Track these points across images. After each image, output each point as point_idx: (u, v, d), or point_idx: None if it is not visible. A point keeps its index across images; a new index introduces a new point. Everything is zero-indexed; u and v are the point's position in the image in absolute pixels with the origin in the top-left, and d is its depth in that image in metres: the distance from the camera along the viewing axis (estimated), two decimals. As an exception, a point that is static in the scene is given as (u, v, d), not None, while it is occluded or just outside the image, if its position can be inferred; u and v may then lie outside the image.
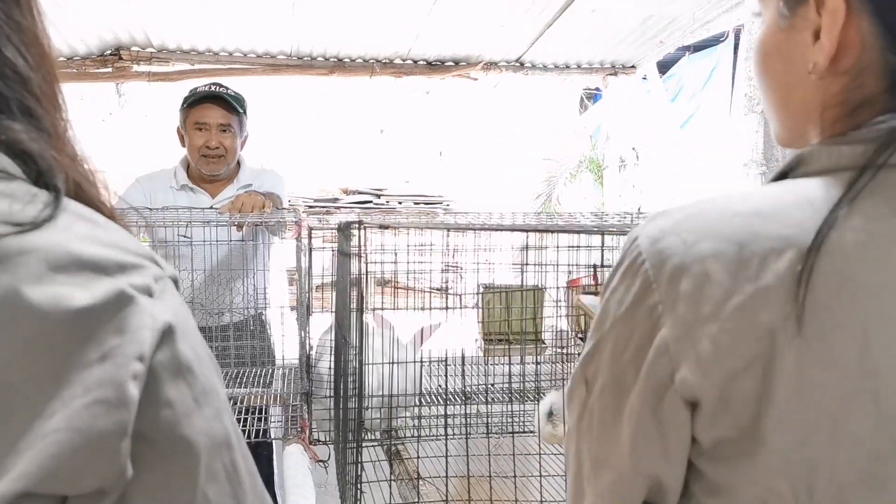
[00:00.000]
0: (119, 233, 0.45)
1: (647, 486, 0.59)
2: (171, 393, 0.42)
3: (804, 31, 0.58)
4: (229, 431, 0.46)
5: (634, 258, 0.57)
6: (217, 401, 0.46)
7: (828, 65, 0.56)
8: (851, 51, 0.56)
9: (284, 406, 2.06)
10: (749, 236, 0.53)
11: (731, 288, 0.52)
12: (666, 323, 0.54)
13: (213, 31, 3.54)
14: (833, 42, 0.56)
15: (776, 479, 0.52)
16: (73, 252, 0.40)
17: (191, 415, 0.43)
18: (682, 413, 0.55)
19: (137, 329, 0.40)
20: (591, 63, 4.17)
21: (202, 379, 0.44)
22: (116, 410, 0.38)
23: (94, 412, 0.38)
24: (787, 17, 0.60)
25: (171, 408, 0.42)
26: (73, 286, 0.39)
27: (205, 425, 0.44)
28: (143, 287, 0.42)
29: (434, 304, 1.85)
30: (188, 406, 0.43)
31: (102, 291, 0.40)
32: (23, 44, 0.45)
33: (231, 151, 2.45)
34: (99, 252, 0.41)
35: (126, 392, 0.39)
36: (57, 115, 0.48)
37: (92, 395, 0.38)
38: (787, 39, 0.60)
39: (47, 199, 0.42)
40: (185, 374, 0.43)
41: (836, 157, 0.56)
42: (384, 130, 6.51)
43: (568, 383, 0.65)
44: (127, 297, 0.41)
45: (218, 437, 0.45)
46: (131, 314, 0.40)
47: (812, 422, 0.51)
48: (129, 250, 0.43)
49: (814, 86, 0.59)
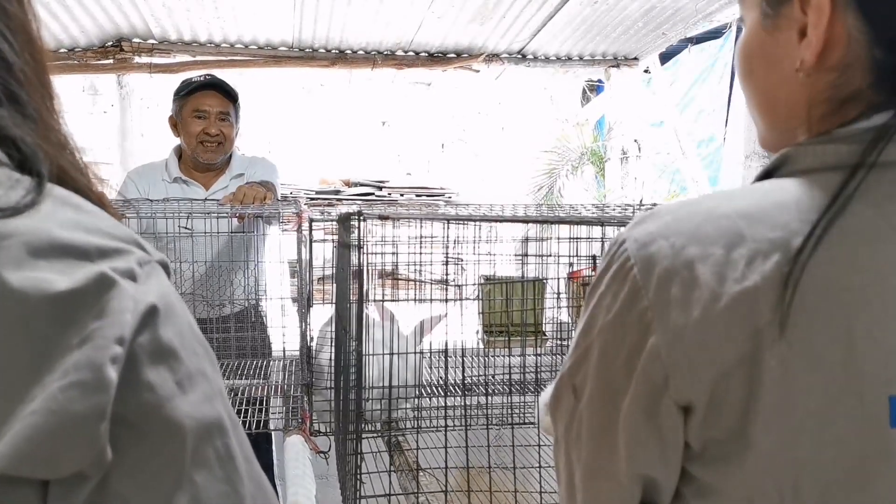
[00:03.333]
0: (104, 219, 0.44)
1: (642, 490, 0.59)
2: (152, 376, 0.41)
3: (789, 30, 0.58)
4: (221, 416, 0.45)
5: (623, 263, 0.57)
6: (207, 385, 0.45)
7: (815, 61, 0.57)
8: (837, 46, 0.56)
9: (285, 397, 2.06)
10: (735, 238, 0.53)
11: (717, 290, 0.52)
12: (657, 329, 0.54)
13: (215, 23, 3.54)
14: (820, 38, 0.56)
15: (763, 479, 0.52)
16: (54, 237, 0.40)
17: (173, 398, 0.42)
18: (676, 417, 0.55)
19: (118, 312, 0.40)
20: (593, 55, 4.16)
21: (188, 363, 0.44)
22: (94, 393, 0.38)
23: (70, 395, 0.37)
24: (770, 17, 0.60)
25: (151, 391, 0.41)
26: (54, 271, 0.39)
27: (190, 409, 0.43)
28: (125, 271, 0.42)
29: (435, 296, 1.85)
30: (170, 389, 0.42)
31: (83, 276, 0.39)
32: (8, 29, 0.45)
33: (229, 140, 2.45)
34: (81, 238, 0.41)
35: (104, 375, 0.38)
36: (44, 103, 0.48)
37: (69, 378, 0.38)
38: (770, 40, 0.61)
39: (30, 185, 0.42)
40: (167, 357, 0.42)
41: (821, 156, 0.56)
42: (386, 122, 6.51)
43: (552, 391, 0.64)
44: (109, 281, 0.40)
45: (207, 422, 0.44)
46: (112, 297, 0.40)
47: (798, 422, 0.51)
48: (113, 235, 0.43)
49: (800, 84, 0.59)
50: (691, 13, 3.46)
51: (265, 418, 1.96)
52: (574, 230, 1.78)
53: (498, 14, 3.46)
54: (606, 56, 4.18)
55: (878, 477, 0.51)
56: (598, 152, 5.42)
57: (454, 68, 4.09)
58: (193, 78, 2.48)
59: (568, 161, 5.71)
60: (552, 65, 4.17)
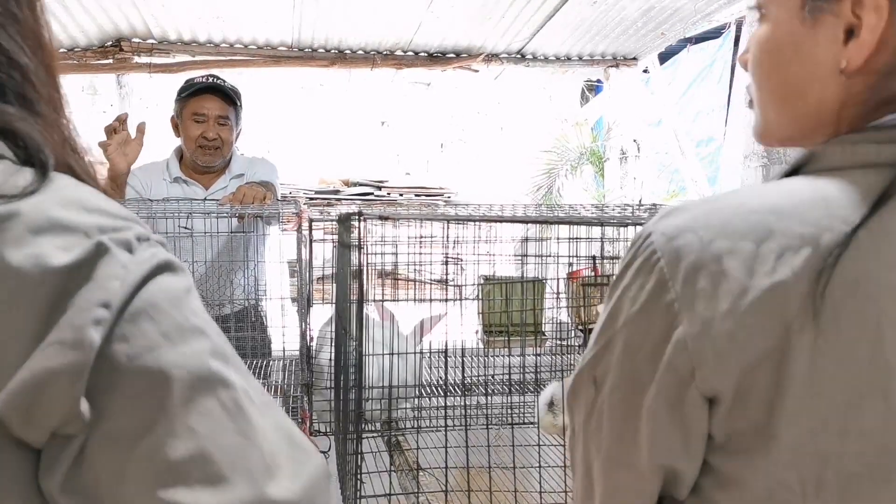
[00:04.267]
0: (105, 200, 0.46)
1: (663, 480, 0.59)
2: (128, 328, 0.42)
3: (833, 28, 0.58)
4: (220, 371, 0.45)
5: (648, 256, 0.57)
6: (204, 342, 0.45)
7: (863, 64, 0.56)
8: (885, 50, 0.56)
9: (285, 397, 2.06)
10: (765, 233, 0.53)
11: (747, 284, 0.52)
12: (683, 320, 0.54)
13: (214, 23, 3.54)
14: (875, 41, 0.55)
15: (786, 471, 0.53)
16: (53, 216, 0.42)
17: (155, 349, 0.42)
18: (701, 408, 0.55)
19: (105, 278, 0.41)
20: (592, 55, 4.16)
21: (177, 317, 0.44)
22: (70, 351, 0.40)
23: (48, 353, 0.39)
24: (812, 14, 0.59)
25: (125, 342, 0.42)
26: (54, 247, 0.41)
27: (179, 359, 0.43)
28: (122, 241, 0.43)
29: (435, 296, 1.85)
30: (152, 339, 0.43)
31: (82, 250, 0.41)
32: (19, 34, 0.47)
33: (227, 144, 2.45)
34: (81, 216, 0.43)
35: (84, 335, 0.40)
36: (52, 104, 0.49)
37: (51, 337, 0.40)
38: (808, 34, 0.59)
39: (34, 174, 0.44)
40: (148, 310, 0.43)
41: (851, 155, 0.56)
42: (385, 122, 6.51)
43: (570, 384, 0.64)
44: (103, 248, 0.42)
45: (202, 374, 0.44)
46: (103, 263, 0.42)
47: (823, 415, 0.52)
48: (114, 214, 0.45)
49: (836, 84, 0.58)
50: (690, 13, 3.46)
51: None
52: (573, 230, 1.78)
53: (497, 14, 3.46)
54: (605, 56, 4.18)
55: None
56: (598, 152, 5.42)
57: (453, 68, 4.09)
58: (196, 79, 2.47)
59: (567, 161, 5.72)
60: (551, 65, 4.17)
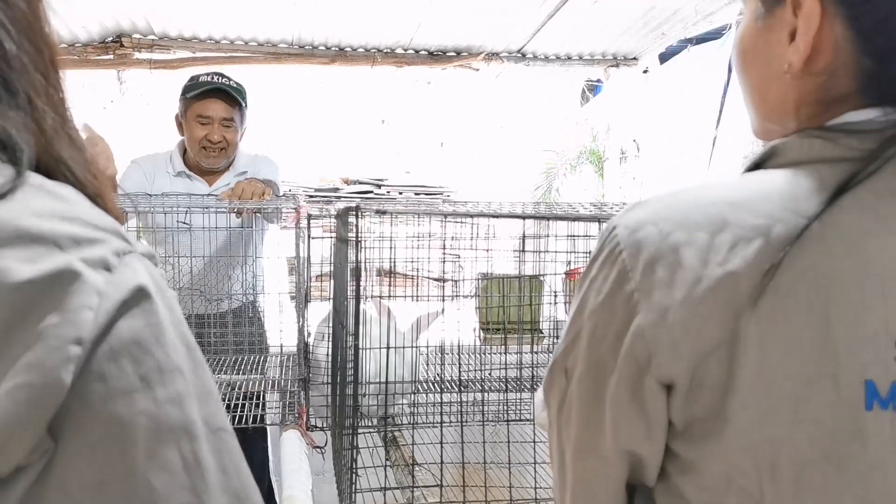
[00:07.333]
0: (86, 208, 0.42)
1: (629, 467, 0.61)
2: (107, 367, 0.39)
3: (780, 31, 0.60)
4: (192, 420, 0.42)
5: (613, 248, 0.59)
6: (180, 385, 0.42)
7: (802, 65, 0.59)
8: (825, 53, 0.58)
9: (282, 392, 2.07)
10: (721, 224, 0.55)
11: (700, 273, 0.54)
12: (642, 310, 0.56)
13: (215, 19, 3.54)
14: (808, 44, 0.58)
15: (741, 457, 0.54)
16: (22, 226, 0.38)
17: (132, 393, 0.39)
18: (659, 395, 0.57)
19: (77, 310, 0.38)
20: (592, 54, 4.16)
21: (160, 358, 0.41)
22: (40, 396, 0.36)
23: (16, 398, 0.36)
24: (763, 17, 0.62)
25: (102, 381, 0.38)
26: (18, 260, 0.37)
27: (150, 407, 0.40)
28: (98, 260, 0.39)
29: (432, 293, 1.86)
30: (129, 383, 0.39)
31: (49, 266, 0.37)
32: (6, 18, 0.44)
33: (232, 145, 2.44)
34: (54, 226, 0.39)
35: (54, 378, 0.36)
36: (44, 94, 0.46)
37: (18, 378, 0.36)
38: (763, 38, 0.62)
39: (8, 175, 0.40)
40: (130, 348, 0.40)
41: (808, 150, 0.58)
42: (385, 120, 6.51)
43: (545, 376, 0.66)
44: (72, 274, 0.38)
45: (171, 423, 0.41)
46: (73, 293, 0.38)
47: (774, 402, 0.53)
48: (91, 224, 0.41)
49: (789, 84, 0.61)
50: (691, 13, 3.47)
51: (262, 413, 1.97)
52: (572, 228, 1.79)
53: (498, 13, 3.46)
54: (606, 56, 4.18)
55: (853, 458, 0.52)
56: (597, 152, 5.42)
57: (454, 67, 4.09)
58: (201, 77, 2.46)
59: (567, 160, 5.72)
60: (551, 64, 4.17)
